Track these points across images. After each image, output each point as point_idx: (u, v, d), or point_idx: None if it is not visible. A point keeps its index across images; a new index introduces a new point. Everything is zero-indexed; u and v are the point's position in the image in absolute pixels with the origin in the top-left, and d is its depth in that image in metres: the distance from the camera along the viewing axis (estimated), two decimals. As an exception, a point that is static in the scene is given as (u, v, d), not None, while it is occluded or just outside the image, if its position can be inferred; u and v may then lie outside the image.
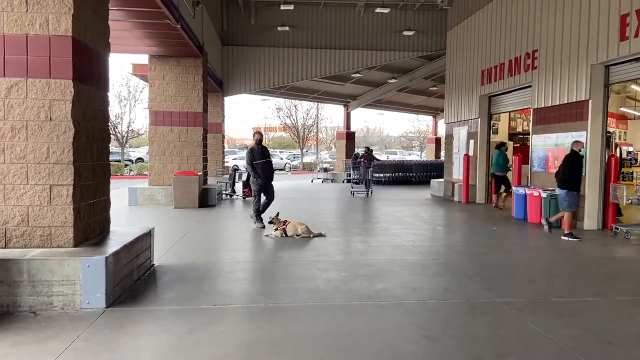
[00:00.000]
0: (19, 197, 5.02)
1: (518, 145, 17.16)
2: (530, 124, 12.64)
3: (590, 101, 10.05)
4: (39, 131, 5.03)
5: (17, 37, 4.97)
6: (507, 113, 16.12)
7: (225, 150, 21.93)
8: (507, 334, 4.32)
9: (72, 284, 4.70)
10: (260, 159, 9.87)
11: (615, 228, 9.35)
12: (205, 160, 14.75)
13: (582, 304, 5.19)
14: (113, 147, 33.02)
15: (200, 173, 13.65)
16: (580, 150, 9.14)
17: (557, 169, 9.48)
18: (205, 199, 13.56)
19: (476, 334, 4.32)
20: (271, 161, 10.27)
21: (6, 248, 4.98)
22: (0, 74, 4.96)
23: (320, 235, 8.95)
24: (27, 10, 5.00)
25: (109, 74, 6.10)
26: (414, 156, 51.67)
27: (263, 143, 10.27)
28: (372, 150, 21.98)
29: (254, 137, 10.23)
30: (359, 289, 5.64)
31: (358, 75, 23.38)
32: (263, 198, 10.02)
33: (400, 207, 13.84)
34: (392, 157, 43.40)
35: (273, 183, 10.24)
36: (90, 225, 5.56)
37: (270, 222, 9.05)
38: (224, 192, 15.88)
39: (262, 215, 9.91)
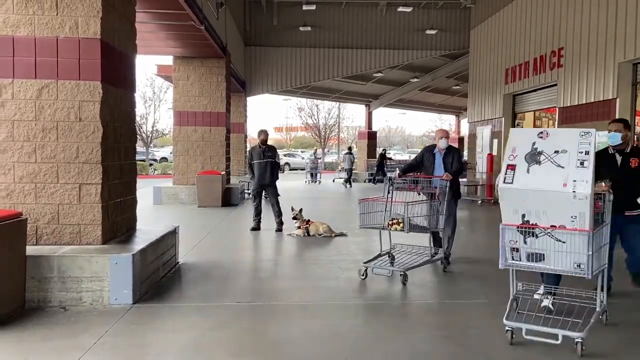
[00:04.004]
0: (49, 196, 5.17)
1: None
2: (556, 123, 12.44)
3: (617, 100, 9.85)
4: (69, 131, 5.16)
5: (48, 39, 5.12)
6: (532, 112, 15.90)
7: (247, 149, 22.11)
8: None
9: (101, 280, 4.82)
10: (257, 159, 9.38)
11: None
12: (228, 159, 14.90)
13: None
14: (138, 146, 33.57)
15: (223, 172, 13.80)
16: None
17: None
18: (228, 198, 13.70)
19: (496, 335, 4.29)
20: (271, 162, 9.38)
21: (37, 245, 5.13)
22: (32, 75, 5.11)
23: (342, 234, 8.97)
24: (57, 14, 5.13)
25: (135, 76, 6.24)
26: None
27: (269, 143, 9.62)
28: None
29: (258, 136, 9.55)
30: (381, 288, 5.65)
31: (380, 74, 23.32)
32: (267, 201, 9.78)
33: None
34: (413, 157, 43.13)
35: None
36: (118, 223, 5.69)
37: (294, 218, 9.09)
38: (246, 191, 16.02)
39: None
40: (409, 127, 78.36)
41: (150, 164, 31.42)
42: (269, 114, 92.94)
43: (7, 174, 5.11)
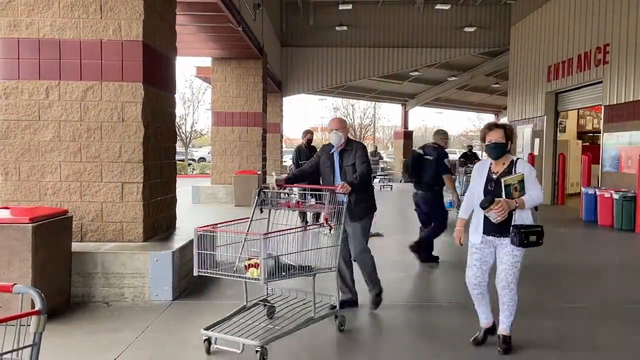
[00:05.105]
0: (93, 194, 5.32)
1: (587, 144, 16.37)
2: (601, 121, 12.01)
3: (668, 97, 9.44)
4: (112, 131, 5.30)
5: (93, 42, 5.27)
6: (576, 110, 15.42)
7: (283, 149, 22.27)
8: (578, 339, 4.13)
9: (142, 276, 4.93)
10: (305, 159, 9.40)
11: None
12: (264, 159, 15.03)
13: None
14: (177, 146, 34.29)
15: (260, 172, 13.92)
16: None
17: None
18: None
19: (540, 338, 4.17)
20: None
21: (82, 242, 5.29)
22: (77, 77, 5.28)
23: (377, 234, 8.90)
24: (101, 17, 5.28)
25: (175, 77, 6.36)
26: (474, 156, 50.30)
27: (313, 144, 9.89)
28: None
29: (305, 135, 9.81)
30: (418, 289, 5.57)
31: (417, 73, 23.04)
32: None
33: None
34: (450, 157, 42.47)
35: None
36: (158, 221, 5.81)
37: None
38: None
39: None
40: (446, 126, 77.22)
41: (189, 164, 32.01)
42: (305, 113, 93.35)
43: (54, 172, 5.29)
